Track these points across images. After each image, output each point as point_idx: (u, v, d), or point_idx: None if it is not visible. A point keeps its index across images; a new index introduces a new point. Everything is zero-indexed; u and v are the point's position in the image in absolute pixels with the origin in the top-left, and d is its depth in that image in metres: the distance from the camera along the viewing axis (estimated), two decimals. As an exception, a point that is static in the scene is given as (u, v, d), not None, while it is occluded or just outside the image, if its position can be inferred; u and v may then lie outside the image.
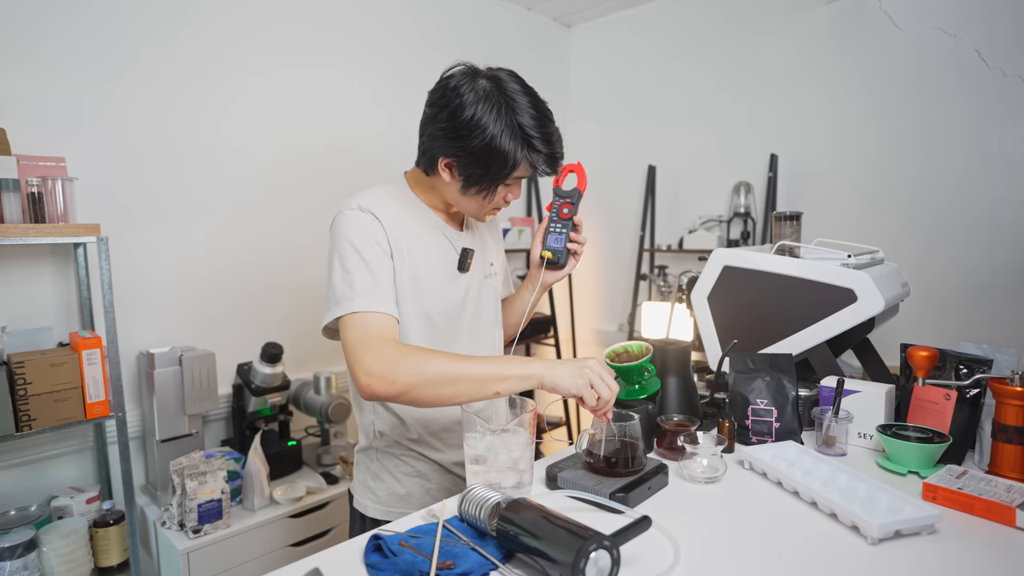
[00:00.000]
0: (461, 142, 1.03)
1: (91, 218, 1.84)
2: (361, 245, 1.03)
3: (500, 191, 1.09)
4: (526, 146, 1.04)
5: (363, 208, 1.06)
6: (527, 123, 1.03)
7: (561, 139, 1.09)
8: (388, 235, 1.06)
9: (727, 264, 1.44)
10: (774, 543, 0.84)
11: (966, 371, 1.16)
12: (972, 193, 2.25)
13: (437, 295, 1.12)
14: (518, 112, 1.03)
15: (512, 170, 1.05)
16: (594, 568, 0.69)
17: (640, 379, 1.18)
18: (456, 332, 1.16)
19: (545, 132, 1.05)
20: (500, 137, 1.02)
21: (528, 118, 1.04)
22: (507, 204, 1.13)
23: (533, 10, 3.25)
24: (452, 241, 1.16)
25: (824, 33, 2.57)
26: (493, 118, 1.02)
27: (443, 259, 1.14)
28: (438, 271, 1.13)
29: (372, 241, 1.04)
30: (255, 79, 2.23)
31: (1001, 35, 2.16)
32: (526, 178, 1.10)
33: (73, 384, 1.63)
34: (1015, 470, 1.01)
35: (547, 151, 1.05)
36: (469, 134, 1.02)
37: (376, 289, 1.02)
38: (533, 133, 1.04)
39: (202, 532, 1.76)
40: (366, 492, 1.20)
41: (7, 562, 1.52)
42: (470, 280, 1.18)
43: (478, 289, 1.20)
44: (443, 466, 1.19)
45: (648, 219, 3.17)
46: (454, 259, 1.16)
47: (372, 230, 1.05)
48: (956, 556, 0.80)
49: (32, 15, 1.77)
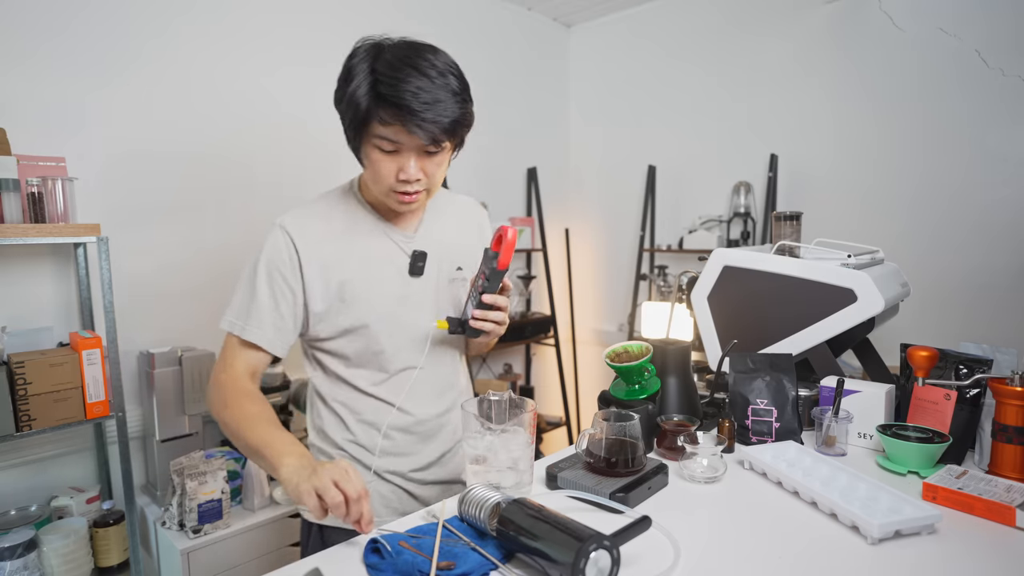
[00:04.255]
0: (337, 104, 1.01)
1: (91, 218, 1.84)
2: (262, 270, 1.05)
3: (375, 156, 0.99)
4: (372, 92, 0.93)
5: (283, 227, 1.06)
6: (380, 68, 0.93)
7: (437, 100, 0.93)
8: (301, 258, 1.05)
9: (727, 264, 1.44)
10: (774, 543, 0.84)
11: (966, 371, 1.16)
12: (972, 193, 2.25)
13: (377, 303, 1.09)
14: (379, 58, 0.94)
15: (364, 121, 0.96)
16: (594, 568, 0.69)
17: (640, 379, 1.18)
18: (408, 339, 1.12)
19: (395, 77, 0.92)
20: (354, 84, 0.95)
21: (383, 63, 0.93)
22: (406, 183, 1.00)
23: (533, 10, 3.25)
24: (401, 245, 1.12)
25: (824, 33, 2.57)
26: (358, 69, 0.95)
27: (392, 265, 1.11)
28: (387, 279, 1.10)
29: (275, 269, 1.05)
30: (255, 79, 2.24)
31: (1001, 35, 2.16)
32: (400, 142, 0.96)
33: (73, 384, 1.63)
34: (1015, 470, 1.01)
35: (392, 98, 0.91)
36: (338, 89, 0.99)
37: (251, 316, 1.04)
38: (382, 77, 0.92)
39: (202, 532, 1.76)
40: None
41: (7, 562, 1.52)
42: (425, 284, 1.13)
43: (435, 295, 1.14)
44: (377, 473, 1.14)
45: (648, 219, 3.17)
46: (405, 263, 1.12)
47: (281, 256, 1.05)
48: (956, 556, 0.80)
49: (32, 15, 1.77)
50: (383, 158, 1.00)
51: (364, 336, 1.10)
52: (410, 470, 1.16)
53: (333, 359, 1.13)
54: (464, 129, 1.03)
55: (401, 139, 0.97)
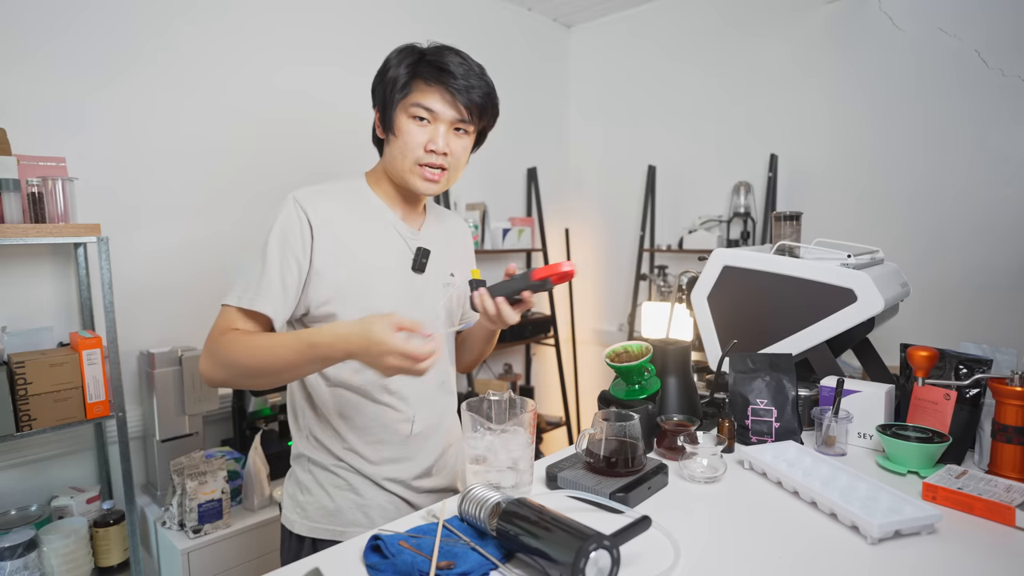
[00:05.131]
0: (375, 87, 1.09)
1: (91, 218, 1.84)
2: (274, 240, 1.02)
3: (408, 127, 1.04)
4: (412, 57, 1.05)
5: (297, 200, 1.05)
6: (425, 48, 1.06)
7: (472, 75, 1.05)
8: (314, 232, 1.03)
9: (727, 264, 1.44)
10: (774, 543, 0.84)
11: (966, 371, 1.16)
12: (972, 193, 2.25)
13: (389, 294, 1.08)
14: (420, 45, 1.07)
15: (405, 87, 1.04)
16: (594, 568, 0.69)
17: (640, 379, 1.18)
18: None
19: (440, 51, 1.05)
20: (397, 62, 1.05)
21: (428, 48, 1.06)
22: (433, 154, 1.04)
23: (533, 10, 3.25)
24: (407, 240, 1.13)
25: (824, 33, 2.57)
26: (404, 53, 1.06)
27: (397, 257, 1.11)
28: (391, 269, 1.09)
29: (287, 240, 1.02)
30: (257, 80, 2.24)
31: (1001, 35, 2.16)
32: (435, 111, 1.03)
33: (73, 384, 1.64)
34: (1015, 470, 1.01)
35: (437, 63, 1.03)
36: (377, 74, 1.09)
37: (260, 287, 1.00)
38: (428, 53, 1.05)
39: (202, 532, 1.76)
40: (293, 506, 1.12)
41: (7, 562, 1.52)
42: (426, 283, 1.14)
43: (434, 295, 1.15)
44: (376, 482, 1.11)
45: (648, 219, 3.18)
46: (409, 258, 1.12)
47: (293, 227, 1.02)
48: (956, 556, 0.80)
49: (33, 15, 1.77)
50: (415, 128, 1.05)
51: None
52: (411, 477, 1.13)
53: None
54: (490, 116, 1.10)
55: (437, 107, 1.03)
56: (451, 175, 1.09)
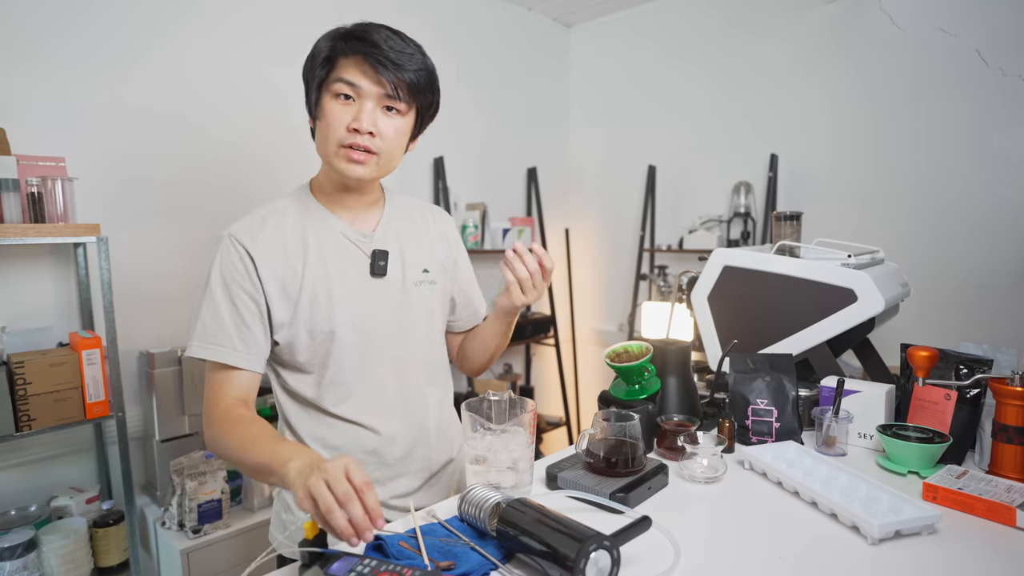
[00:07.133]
0: (304, 73, 1.03)
1: (91, 218, 1.84)
2: (217, 284, 0.98)
3: (331, 107, 0.97)
4: (340, 36, 0.97)
5: (232, 236, 0.99)
6: (347, 24, 0.99)
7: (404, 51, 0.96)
8: (257, 264, 0.98)
9: (727, 264, 1.44)
10: (774, 543, 0.84)
11: (966, 371, 1.16)
12: (972, 193, 2.25)
13: (350, 305, 1.02)
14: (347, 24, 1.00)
15: (327, 63, 0.97)
16: (594, 568, 0.69)
17: (640, 379, 1.18)
18: (378, 345, 1.05)
19: (365, 26, 0.97)
20: (322, 40, 1.00)
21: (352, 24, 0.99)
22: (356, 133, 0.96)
23: (533, 10, 3.25)
24: (359, 244, 1.05)
25: (824, 33, 2.57)
26: (329, 33, 1.00)
27: (349, 265, 1.04)
28: (348, 278, 1.03)
29: (232, 280, 0.98)
30: (257, 80, 2.23)
31: (1001, 35, 2.16)
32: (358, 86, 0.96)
33: (73, 384, 1.63)
34: (1015, 470, 1.01)
35: (360, 34, 0.95)
36: (306, 60, 1.02)
37: (217, 336, 0.96)
38: (353, 27, 0.98)
39: (202, 532, 1.76)
40: (279, 524, 1.09)
41: (7, 562, 1.52)
42: (390, 286, 1.06)
43: (402, 297, 1.07)
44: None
45: (648, 219, 3.17)
46: (366, 263, 1.05)
47: (235, 266, 0.98)
48: (956, 556, 0.80)
49: (33, 15, 1.77)
50: (338, 108, 0.97)
51: (326, 345, 1.02)
52: (391, 497, 1.07)
53: (296, 376, 1.05)
54: (426, 97, 1.01)
55: (361, 83, 0.95)
56: (383, 160, 1.00)
